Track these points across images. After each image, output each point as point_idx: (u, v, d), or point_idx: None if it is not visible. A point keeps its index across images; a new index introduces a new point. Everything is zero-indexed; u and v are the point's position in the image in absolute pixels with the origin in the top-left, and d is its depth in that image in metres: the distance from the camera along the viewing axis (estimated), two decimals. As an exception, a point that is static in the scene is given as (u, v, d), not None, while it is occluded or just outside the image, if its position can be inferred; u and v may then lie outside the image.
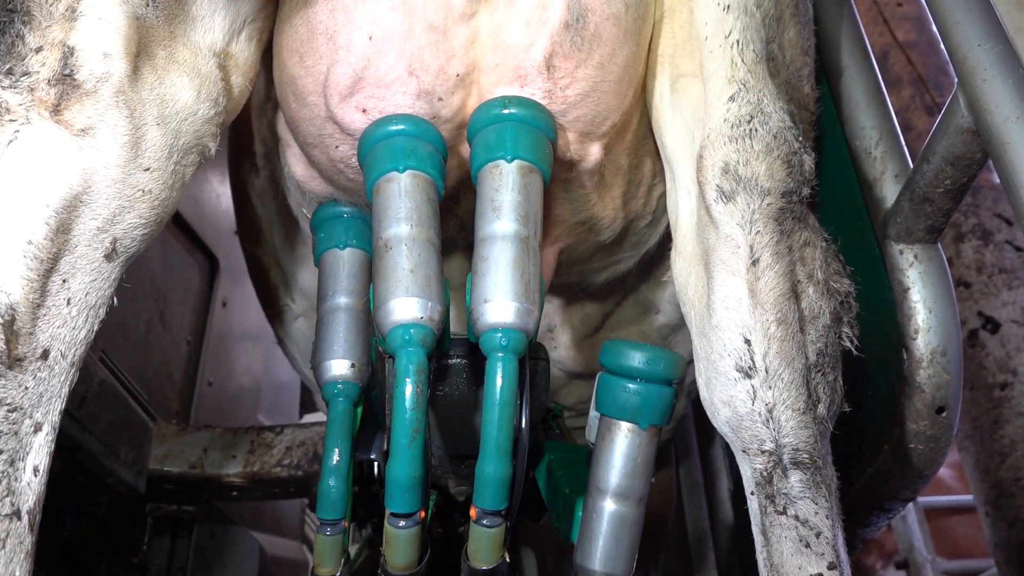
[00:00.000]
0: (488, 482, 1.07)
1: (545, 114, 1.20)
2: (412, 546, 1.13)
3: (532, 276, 1.12)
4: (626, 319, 1.74)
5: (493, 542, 1.12)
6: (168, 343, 2.30)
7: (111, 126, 0.99)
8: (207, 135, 1.12)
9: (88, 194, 0.98)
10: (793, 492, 1.12)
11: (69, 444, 1.50)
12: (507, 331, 1.08)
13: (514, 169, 1.16)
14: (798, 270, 1.16)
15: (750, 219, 1.13)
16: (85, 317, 0.99)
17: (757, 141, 1.14)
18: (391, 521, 1.10)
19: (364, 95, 1.18)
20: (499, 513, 1.10)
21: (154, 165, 1.04)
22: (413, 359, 1.07)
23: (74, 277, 0.97)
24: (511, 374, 1.08)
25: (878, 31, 3.21)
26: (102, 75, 0.98)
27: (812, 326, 1.16)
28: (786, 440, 1.12)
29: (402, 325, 1.08)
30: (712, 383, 1.18)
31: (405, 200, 1.14)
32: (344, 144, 1.24)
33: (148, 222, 1.04)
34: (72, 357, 0.98)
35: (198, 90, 1.10)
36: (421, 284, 1.10)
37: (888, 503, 1.53)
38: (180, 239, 2.45)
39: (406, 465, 1.05)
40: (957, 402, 1.35)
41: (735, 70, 1.17)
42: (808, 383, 1.13)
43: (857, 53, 1.54)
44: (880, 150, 1.45)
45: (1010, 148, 1.04)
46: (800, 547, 1.10)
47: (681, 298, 1.27)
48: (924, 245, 1.35)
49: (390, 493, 1.07)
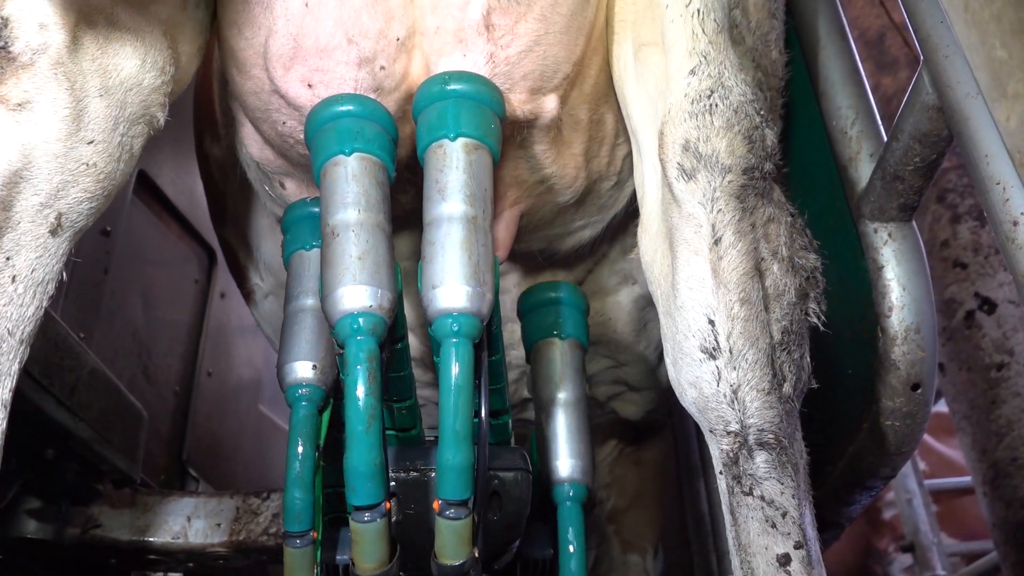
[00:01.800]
0: (448, 470, 1.05)
1: (490, 88, 1.18)
2: (380, 542, 1.09)
3: (482, 257, 1.10)
4: (602, 289, 1.71)
5: (458, 535, 1.08)
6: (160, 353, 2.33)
7: (50, 99, 0.97)
8: (155, 105, 1.10)
9: (28, 170, 0.96)
10: (759, 473, 1.12)
11: (61, 432, 1.53)
12: (459, 316, 1.07)
13: (459, 147, 1.14)
14: (762, 247, 1.15)
15: (711, 197, 1.12)
16: (33, 294, 0.98)
17: (717, 117, 1.13)
18: (355, 516, 1.07)
19: (307, 67, 1.15)
20: (463, 503, 1.07)
21: (98, 138, 1.02)
22: (363, 347, 1.05)
23: (18, 254, 0.97)
24: (466, 359, 1.06)
25: (875, 13, 3.19)
26: (39, 47, 0.96)
27: (777, 304, 1.15)
28: (751, 421, 1.12)
29: (351, 314, 1.06)
30: (679, 363, 1.18)
31: (352, 184, 1.12)
32: (291, 119, 1.22)
33: (94, 196, 1.02)
34: (21, 334, 0.97)
35: (143, 59, 1.07)
36: (370, 271, 1.08)
37: (869, 481, 1.54)
38: (176, 231, 2.48)
39: (365, 452, 1.03)
40: (932, 379, 1.35)
41: (696, 41, 1.16)
42: (773, 362, 1.13)
43: (834, 32, 1.54)
44: (856, 129, 1.45)
45: (971, 123, 1.05)
46: (767, 527, 1.10)
47: (648, 276, 1.26)
48: (898, 223, 1.35)
49: (351, 485, 1.05)
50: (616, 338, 1.77)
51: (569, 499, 1.34)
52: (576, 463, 1.35)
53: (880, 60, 3.18)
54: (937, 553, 3.85)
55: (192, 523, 1.72)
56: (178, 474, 2.32)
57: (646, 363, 1.86)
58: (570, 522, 1.32)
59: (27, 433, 1.52)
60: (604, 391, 1.96)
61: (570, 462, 1.36)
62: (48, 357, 1.48)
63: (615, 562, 2.40)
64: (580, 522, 1.32)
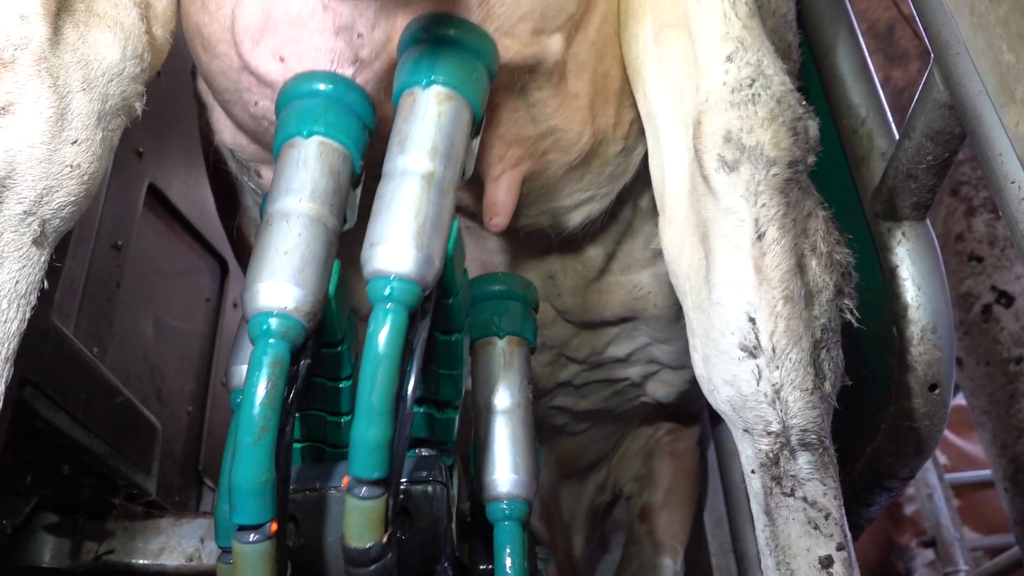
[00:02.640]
0: (360, 445, 0.94)
1: (475, 33, 1.08)
2: (264, 565, 0.94)
3: (431, 219, 0.98)
4: (637, 261, 1.61)
5: (367, 517, 0.96)
6: (173, 368, 2.33)
7: (34, 99, 0.91)
8: (133, 95, 1.04)
9: (12, 178, 0.90)
10: (802, 474, 1.08)
11: (75, 447, 1.53)
12: (395, 280, 0.95)
13: (429, 96, 1.04)
14: (802, 243, 1.11)
15: (755, 191, 1.07)
16: (16, 307, 0.92)
17: (761, 107, 1.08)
18: (237, 536, 0.93)
19: (278, 38, 1.06)
20: (374, 483, 0.96)
21: (82, 136, 0.95)
22: (269, 351, 0.93)
23: (1, 267, 0.91)
24: (396, 327, 0.94)
25: (883, 5, 3.17)
26: (20, 41, 0.90)
27: (817, 301, 1.12)
28: (794, 421, 1.08)
29: (264, 313, 0.94)
30: (711, 360, 1.14)
31: (301, 171, 1.01)
32: (264, 99, 1.13)
33: (77, 199, 0.96)
34: (7, 352, 0.91)
35: (123, 46, 1.01)
36: (293, 269, 0.95)
37: (888, 482, 1.52)
38: (188, 243, 2.49)
39: (250, 467, 0.91)
40: (950, 379, 1.34)
41: (729, 25, 1.10)
42: (815, 361, 1.10)
43: (843, 30, 1.53)
44: (867, 127, 1.43)
45: (983, 121, 1.03)
46: (809, 529, 1.08)
47: (673, 269, 1.21)
48: (911, 222, 1.33)
49: (233, 501, 0.92)
50: (656, 313, 1.68)
51: (506, 517, 1.20)
52: (515, 477, 1.21)
53: (890, 52, 3.15)
54: (959, 548, 3.81)
55: (206, 544, 1.70)
56: (195, 486, 2.32)
57: (683, 341, 1.81)
58: (507, 542, 1.18)
59: (43, 449, 1.52)
60: (640, 371, 1.90)
61: (507, 476, 1.21)
62: (62, 374, 1.49)
63: (646, 565, 2.33)
64: (519, 542, 1.19)
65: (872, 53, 3.19)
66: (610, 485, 2.47)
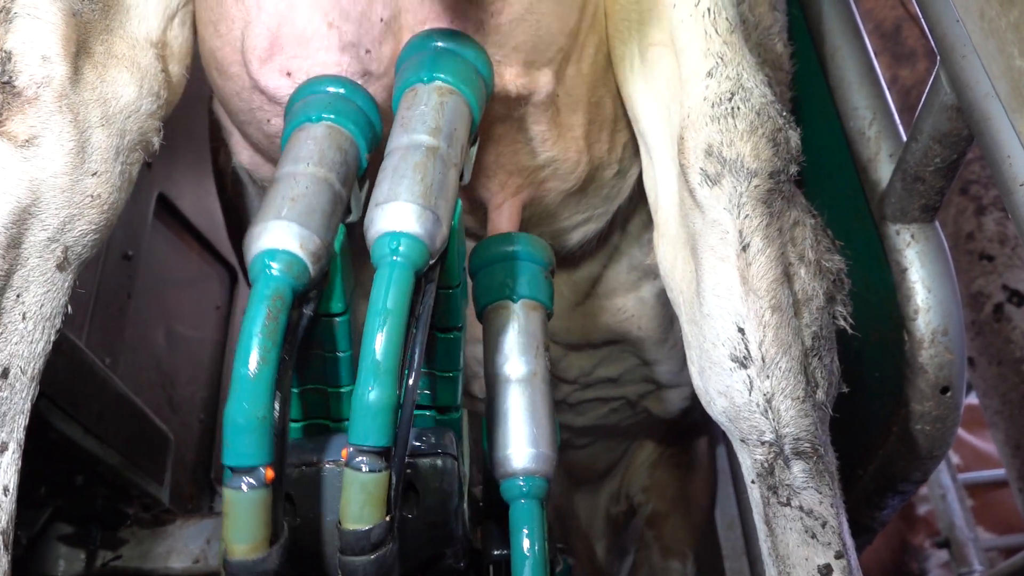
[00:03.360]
0: (363, 409, 0.85)
1: (474, 45, 1.11)
2: (256, 518, 0.83)
3: (438, 184, 0.97)
4: (621, 285, 1.67)
5: (368, 492, 0.86)
6: (185, 378, 2.34)
7: (56, 133, 0.96)
8: (151, 130, 1.09)
9: (37, 206, 0.95)
10: (796, 483, 1.09)
11: (89, 459, 1.54)
12: (403, 235, 0.92)
13: (431, 89, 1.05)
14: (789, 252, 1.13)
15: (737, 203, 1.09)
16: (42, 330, 0.97)
17: (740, 120, 1.10)
18: (227, 481, 0.83)
19: (285, 56, 1.10)
20: (378, 453, 0.86)
21: (101, 168, 1.00)
22: (271, 283, 0.87)
23: (28, 291, 0.96)
24: (403, 282, 0.89)
25: (890, 4, 3.16)
26: (42, 79, 0.95)
27: (806, 309, 1.13)
28: (786, 430, 1.09)
29: (267, 251, 0.89)
30: (706, 372, 1.15)
31: (310, 143, 1.00)
32: (275, 116, 1.17)
33: (98, 227, 1.02)
34: (32, 371, 0.96)
35: (140, 85, 1.06)
36: (300, 211, 0.92)
37: (901, 485, 1.52)
38: (197, 251, 2.50)
39: (246, 401, 0.82)
40: (962, 381, 1.33)
41: (709, 42, 1.12)
42: (806, 369, 1.11)
43: (848, 32, 1.53)
44: (874, 130, 1.43)
45: (991, 124, 1.03)
46: (806, 538, 1.08)
47: (667, 283, 1.23)
48: (920, 224, 1.33)
49: (225, 440, 0.83)
50: (641, 335, 1.73)
51: (523, 495, 1.08)
52: (532, 451, 1.10)
53: (897, 52, 3.14)
54: (973, 548, 3.79)
55: (212, 545, 1.70)
56: (207, 493, 2.33)
57: (675, 360, 1.83)
58: (524, 522, 1.06)
59: (56, 461, 1.53)
60: (634, 390, 1.93)
61: (524, 450, 1.10)
62: (75, 386, 1.50)
63: (655, 569, 2.36)
64: (538, 522, 1.07)
65: (879, 52, 3.18)
66: (623, 496, 2.51)
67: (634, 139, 1.37)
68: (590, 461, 2.33)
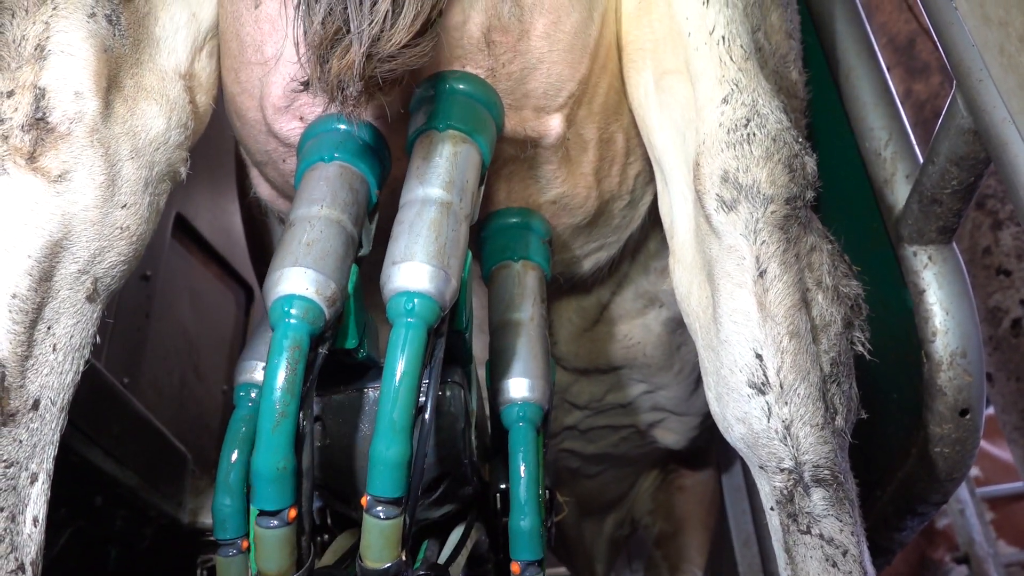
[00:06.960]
0: (380, 463, 0.94)
1: (485, 88, 1.15)
2: (282, 550, 0.98)
3: (451, 242, 1.03)
4: (628, 312, 1.68)
5: (385, 536, 0.97)
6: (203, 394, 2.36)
7: (87, 167, 0.98)
8: (178, 161, 1.11)
9: (68, 239, 0.97)
10: (816, 511, 1.08)
11: (108, 480, 1.56)
12: (417, 295, 0.98)
13: (445, 138, 1.10)
14: (806, 277, 1.12)
15: (754, 228, 1.09)
16: (71, 360, 0.98)
17: (756, 146, 1.09)
18: (258, 521, 0.97)
19: (298, 103, 1.13)
20: (394, 502, 0.96)
21: (130, 200, 1.02)
22: (289, 333, 0.94)
23: (58, 323, 0.97)
24: (417, 343, 0.96)
25: (903, 18, 3.15)
26: (75, 115, 0.97)
27: (824, 335, 1.12)
28: (806, 457, 1.08)
29: (285, 297, 0.96)
30: (724, 399, 1.14)
31: (322, 184, 1.06)
32: (289, 157, 1.21)
33: (127, 259, 1.03)
34: (62, 402, 0.97)
35: (168, 117, 1.08)
36: (315, 256, 0.98)
37: (920, 507, 1.50)
38: (214, 270, 2.52)
39: (269, 454, 0.92)
40: (981, 403, 1.32)
41: (724, 69, 1.13)
42: (824, 396, 1.09)
43: (863, 53, 1.52)
44: (890, 151, 1.43)
45: (1009, 148, 1.02)
46: (827, 567, 1.07)
47: (684, 308, 1.23)
48: (938, 246, 1.32)
49: (253, 487, 0.95)
50: (647, 362, 1.74)
51: (520, 419, 1.20)
52: (528, 381, 1.21)
53: (911, 66, 3.13)
54: (992, 564, 3.75)
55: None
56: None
57: (683, 387, 1.83)
58: (520, 444, 1.18)
59: (76, 483, 1.55)
60: (644, 419, 1.94)
61: (521, 381, 1.22)
62: (95, 409, 1.51)
63: None
64: (532, 444, 1.19)
65: (893, 67, 3.17)
66: (628, 521, 2.54)
67: (646, 169, 1.38)
68: (599, 491, 2.35)
